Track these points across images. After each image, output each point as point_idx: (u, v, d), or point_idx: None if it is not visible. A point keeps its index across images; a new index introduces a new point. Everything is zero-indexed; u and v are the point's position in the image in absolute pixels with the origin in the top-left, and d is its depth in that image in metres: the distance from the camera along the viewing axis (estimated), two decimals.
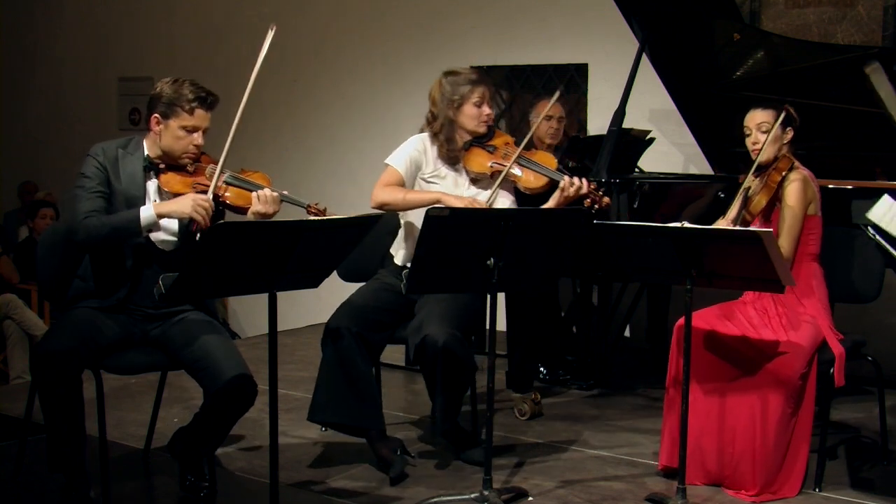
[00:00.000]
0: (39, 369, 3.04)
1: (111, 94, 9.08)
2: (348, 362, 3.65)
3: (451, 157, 3.85)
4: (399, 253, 3.95)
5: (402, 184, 3.80)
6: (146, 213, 3.15)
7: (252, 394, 3.16)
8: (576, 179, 3.77)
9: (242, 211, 3.27)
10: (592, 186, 3.82)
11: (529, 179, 3.83)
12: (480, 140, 3.88)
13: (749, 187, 3.68)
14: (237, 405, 3.18)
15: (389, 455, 3.67)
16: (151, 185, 3.30)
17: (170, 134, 3.25)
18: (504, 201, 3.89)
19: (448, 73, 3.88)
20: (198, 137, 3.27)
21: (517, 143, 3.89)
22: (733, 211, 3.69)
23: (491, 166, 3.83)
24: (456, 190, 3.85)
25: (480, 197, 3.83)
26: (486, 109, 3.82)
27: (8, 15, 9.69)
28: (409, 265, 3.87)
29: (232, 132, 3.17)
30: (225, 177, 3.28)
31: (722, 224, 3.66)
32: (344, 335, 3.64)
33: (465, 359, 3.57)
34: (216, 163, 3.29)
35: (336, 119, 7.62)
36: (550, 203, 3.80)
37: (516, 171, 3.82)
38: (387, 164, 3.84)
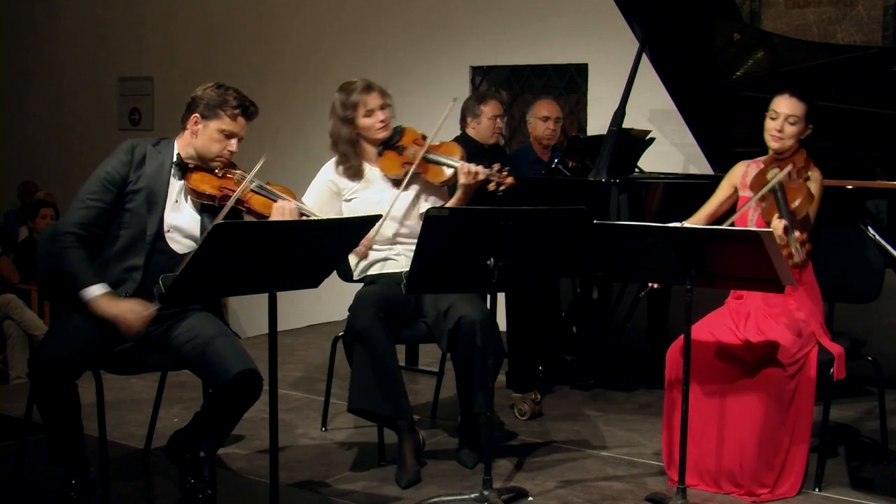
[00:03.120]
0: (36, 377, 3.05)
1: (111, 94, 9.08)
2: (380, 353, 3.59)
3: (354, 171, 3.86)
4: (357, 267, 3.95)
5: None
6: (89, 292, 3.12)
7: (258, 389, 3.16)
8: (471, 166, 3.75)
9: (264, 218, 3.30)
10: (496, 168, 3.77)
11: (436, 174, 3.83)
12: (390, 142, 3.87)
13: (780, 184, 3.54)
14: (243, 399, 3.17)
15: (410, 458, 3.62)
16: (177, 185, 3.32)
17: (207, 135, 3.28)
18: (427, 202, 3.88)
19: (340, 89, 3.87)
20: (233, 144, 3.31)
21: (425, 138, 3.88)
22: (777, 218, 3.45)
23: (403, 167, 3.83)
24: (378, 195, 3.84)
25: (401, 200, 3.81)
26: (379, 116, 3.81)
27: (8, 15, 9.69)
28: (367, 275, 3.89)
29: (268, 148, 3.17)
30: (253, 186, 3.32)
31: (778, 224, 3.42)
32: (374, 325, 3.58)
33: (499, 339, 3.53)
34: (243, 171, 3.33)
35: None
36: (458, 193, 3.81)
37: (422, 167, 3.80)
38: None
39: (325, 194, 3.87)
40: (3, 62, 9.80)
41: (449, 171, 3.82)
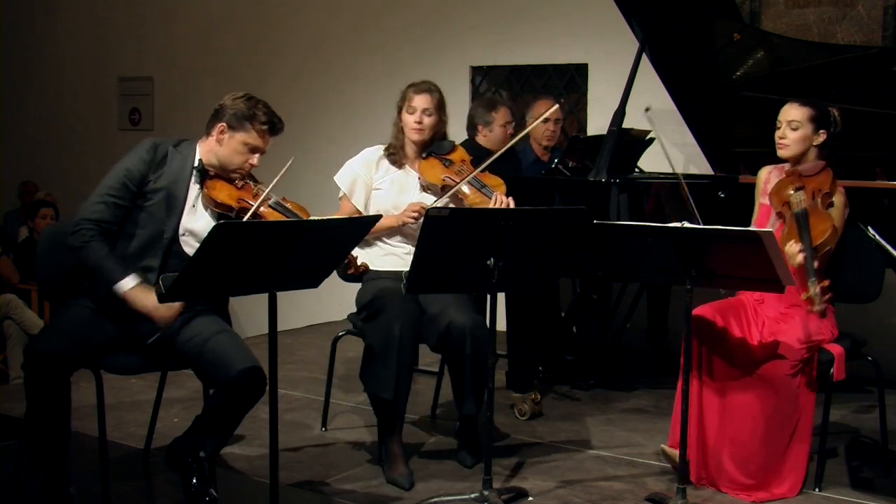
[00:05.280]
0: (30, 370, 3.04)
1: (111, 94, 9.08)
2: (406, 352, 3.58)
3: (395, 160, 3.92)
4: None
5: (356, 212, 3.90)
6: (123, 285, 3.13)
7: (262, 386, 3.14)
8: (507, 199, 3.84)
9: None
10: None
11: (476, 201, 3.86)
12: (439, 152, 3.94)
13: (804, 211, 3.47)
14: (247, 397, 3.16)
15: (404, 460, 3.62)
16: (195, 189, 3.30)
17: (231, 147, 3.28)
18: None
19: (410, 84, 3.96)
20: (255, 158, 3.31)
21: (473, 163, 3.96)
22: (795, 242, 3.37)
23: (443, 179, 3.87)
24: (400, 197, 3.88)
25: (426, 202, 3.84)
26: (416, 117, 3.86)
27: (8, 15, 9.69)
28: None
29: (287, 165, 3.17)
30: (270, 202, 3.33)
31: (795, 250, 3.35)
32: (406, 324, 3.58)
33: (489, 344, 3.54)
34: (262, 183, 3.34)
35: (336, 119, 7.62)
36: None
37: (466, 189, 3.87)
38: (341, 194, 3.94)
39: (361, 181, 3.92)
40: (3, 62, 9.80)
41: (489, 203, 3.85)
